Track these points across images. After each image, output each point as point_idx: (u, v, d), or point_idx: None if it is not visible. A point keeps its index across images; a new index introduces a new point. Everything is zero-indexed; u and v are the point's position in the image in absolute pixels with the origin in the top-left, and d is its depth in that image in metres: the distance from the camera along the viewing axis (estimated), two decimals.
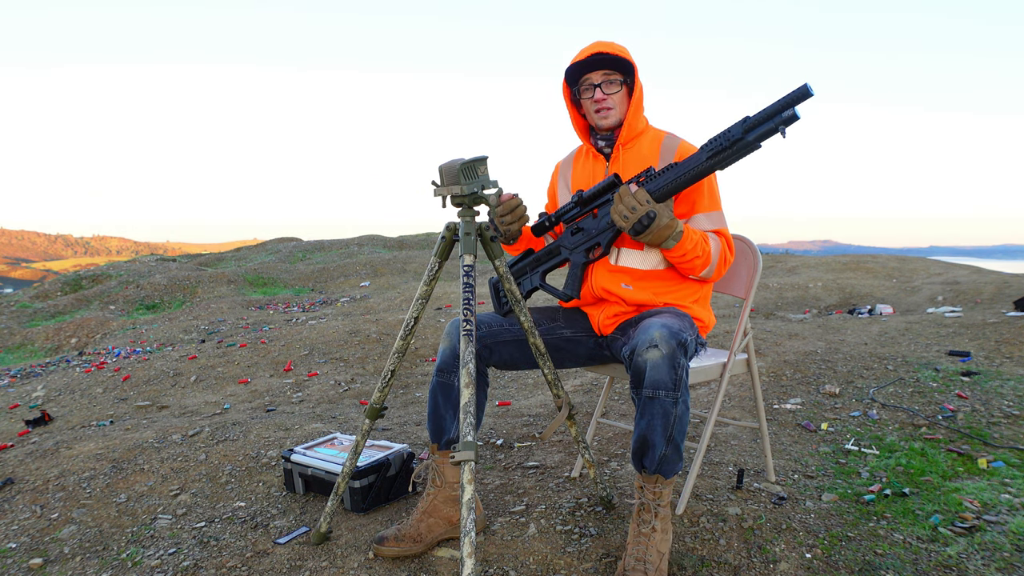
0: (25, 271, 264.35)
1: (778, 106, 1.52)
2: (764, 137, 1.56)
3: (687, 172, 1.66)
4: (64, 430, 3.38)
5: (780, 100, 1.51)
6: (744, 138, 1.58)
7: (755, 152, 1.60)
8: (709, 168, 1.64)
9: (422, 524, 1.87)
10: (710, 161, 1.63)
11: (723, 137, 1.61)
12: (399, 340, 1.80)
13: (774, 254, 11.58)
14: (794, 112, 1.51)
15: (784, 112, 1.52)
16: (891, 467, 2.33)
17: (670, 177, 1.68)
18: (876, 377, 3.46)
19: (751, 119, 1.56)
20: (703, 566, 1.74)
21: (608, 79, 1.85)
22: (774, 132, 1.54)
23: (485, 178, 1.65)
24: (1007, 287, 6.82)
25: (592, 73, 1.86)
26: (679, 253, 1.74)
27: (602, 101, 1.85)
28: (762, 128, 1.55)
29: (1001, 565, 1.71)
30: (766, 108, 1.54)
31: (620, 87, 1.86)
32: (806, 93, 1.49)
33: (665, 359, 1.58)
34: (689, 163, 1.66)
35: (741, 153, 1.60)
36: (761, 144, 1.58)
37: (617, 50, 1.81)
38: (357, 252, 15.14)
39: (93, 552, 1.97)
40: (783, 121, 1.52)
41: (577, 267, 1.88)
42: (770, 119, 1.54)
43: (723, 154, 1.61)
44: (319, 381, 4.18)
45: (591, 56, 1.82)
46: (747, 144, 1.58)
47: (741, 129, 1.58)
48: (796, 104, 1.51)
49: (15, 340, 8.86)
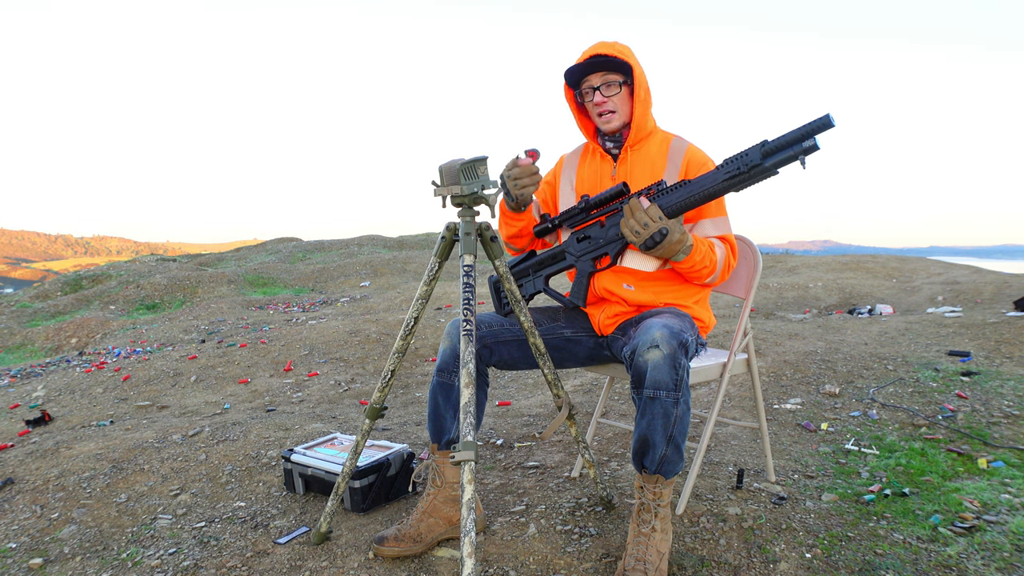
0: (25, 271, 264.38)
1: (799, 134, 1.50)
2: (782, 164, 1.55)
3: (701, 192, 1.65)
4: (64, 430, 3.38)
5: (800, 128, 1.50)
6: (761, 164, 1.57)
7: (772, 177, 1.59)
8: (724, 190, 1.64)
9: (422, 524, 1.87)
10: (726, 183, 1.63)
11: (740, 160, 1.59)
12: (399, 340, 1.80)
13: (774, 254, 11.57)
14: (814, 142, 1.49)
15: (805, 142, 1.50)
16: (891, 467, 2.33)
17: (683, 195, 1.67)
18: (876, 377, 3.46)
19: (769, 144, 1.55)
20: (703, 566, 1.74)
21: (607, 81, 1.84)
22: (793, 160, 1.52)
23: (485, 178, 1.65)
24: (1007, 287, 6.82)
25: (592, 76, 1.85)
26: (687, 265, 1.74)
27: (602, 104, 1.85)
28: (781, 156, 1.54)
29: (1001, 565, 1.71)
30: (785, 135, 1.52)
31: (620, 88, 1.84)
32: (827, 123, 1.47)
33: (666, 359, 1.58)
34: (703, 183, 1.65)
35: (757, 178, 1.59)
36: (779, 171, 1.57)
37: (615, 51, 1.80)
38: (357, 252, 15.14)
39: (93, 552, 1.97)
40: (803, 151, 1.50)
41: (584, 276, 1.87)
42: (789, 146, 1.52)
43: (739, 178, 1.61)
44: (319, 381, 4.18)
45: (589, 59, 1.82)
46: (764, 170, 1.57)
47: (759, 154, 1.56)
48: (817, 134, 1.49)
49: (15, 340, 8.86)
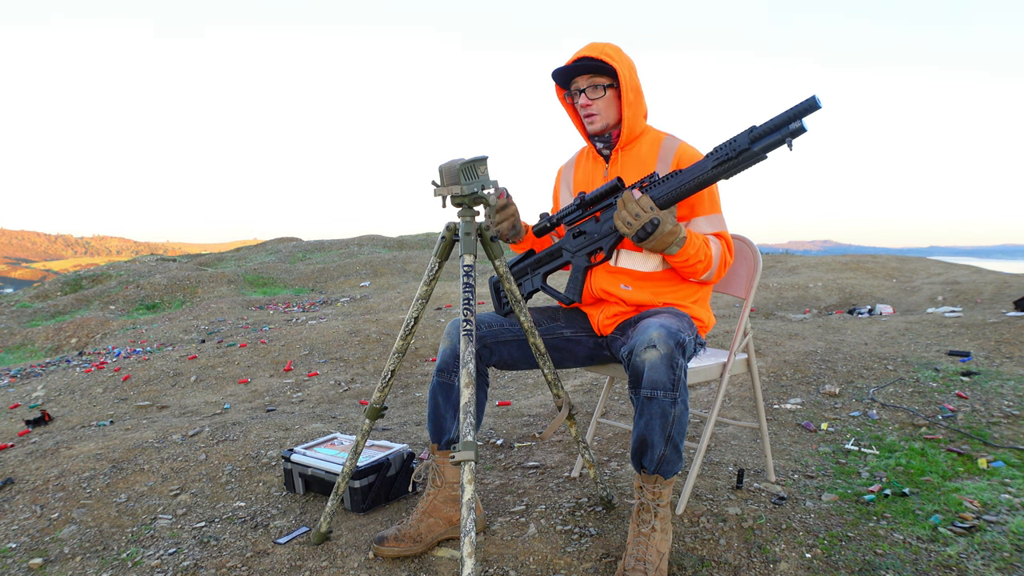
0: (25, 271, 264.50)
1: (785, 117, 1.51)
2: (770, 148, 1.55)
3: (691, 180, 1.66)
4: (64, 430, 3.38)
5: (787, 111, 1.51)
6: (750, 148, 1.57)
7: (761, 163, 1.60)
8: (714, 177, 1.64)
9: (422, 524, 1.87)
10: (715, 170, 1.63)
11: (728, 147, 1.60)
12: (399, 340, 1.80)
13: (774, 254, 11.57)
14: (801, 124, 1.50)
15: (791, 124, 1.51)
16: (891, 467, 2.33)
17: (674, 185, 1.68)
18: (876, 377, 3.46)
19: (757, 129, 1.55)
20: (703, 566, 1.74)
21: (592, 84, 1.84)
22: (781, 144, 1.53)
23: (485, 178, 1.65)
24: (1007, 287, 6.82)
25: (578, 78, 1.86)
26: (682, 259, 1.74)
27: (587, 107, 1.86)
28: (769, 139, 1.54)
29: (1001, 565, 1.71)
30: (773, 119, 1.53)
31: (605, 92, 1.84)
32: (813, 105, 1.47)
33: (663, 359, 1.58)
34: (693, 171, 1.66)
35: (746, 164, 1.59)
36: (767, 155, 1.57)
37: (601, 55, 1.79)
38: (357, 252, 15.14)
39: (93, 552, 1.97)
40: (790, 133, 1.51)
41: (579, 271, 1.88)
42: (777, 130, 1.53)
43: (728, 164, 1.61)
44: (319, 381, 4.18)
45: (575, 61, 1.82)
46: (753, 155, 1.57)
47: (747, 139, 1.57)
48: (803, 116, 1.50)
49: (15, 340, 8.86)
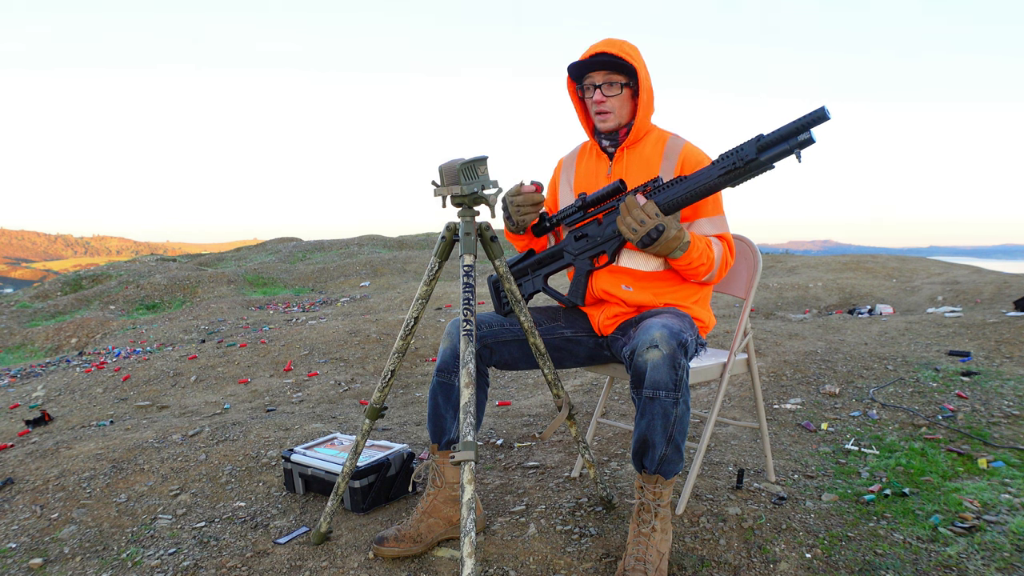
0: (25, 271, 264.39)
1: (793, 128, 1.49)
2: (778, 159, 1.53)
3: (697, 187, 1.64)
4: (64, 430, 3.38)
5: (795, 121, 1.48)
6: (757, 159, 1.55)
7: (768, 172, 1.58)
8: (719, 185, 1.63)
9: (422, 524, 1.87)
10: (721, 179, 1.61)
11: (735, 156, 1.58)
12: (399, 340, 1.80)
13: (774, 254, 11.57)
14: (810, 135, 1.48)
15: (800, 135, 1.49)
16: (891, 467, 2.33)
17: (679, 191, 1.66)
18: (876, 377, 3.46)
19: (765, 138, 1.53)
20: (703, 566, 1.74)
21: (608, 80, 1.81)
22: (788, 154, 1.51)
23: (485, 178, 1.65)
24: (1007, 287, 6.82)
25: (594, 73, 1.83)
26: (685, 262, 1.73)
27: (600, 104, 1.83)
28: (776, 149, 1.52)
29: (1001, 565, 1.71)
30: (781, 128, 1.51)
31: (621, 90, 1.82)
32: (823, 116, 1.45)
33: (665, 359, 1.58)
34: (699, 178, 1.64)
35: (753, 174, 1.58)
36: (774, 165, 1.56)
37: (622, 52, 1.77)
38: (357, 252, 15.13)
39: (93, 552, 1.97)
40: (798, 144, 1.49)
41: (582, 274, 1.87)
42: (784, 140, 1.51)
43: (735, 172, 1.59)
44: (319, 381, 4.18)
45: (593, 56, 1.79)
46: (760, 165, 1.56)
47: (755, 149, 1.55)
48: (812, 127, 1.47)
49: (15, 340, 8.86)
